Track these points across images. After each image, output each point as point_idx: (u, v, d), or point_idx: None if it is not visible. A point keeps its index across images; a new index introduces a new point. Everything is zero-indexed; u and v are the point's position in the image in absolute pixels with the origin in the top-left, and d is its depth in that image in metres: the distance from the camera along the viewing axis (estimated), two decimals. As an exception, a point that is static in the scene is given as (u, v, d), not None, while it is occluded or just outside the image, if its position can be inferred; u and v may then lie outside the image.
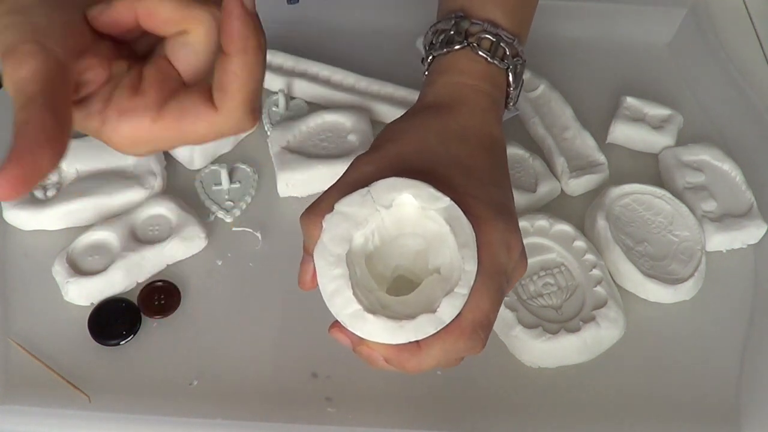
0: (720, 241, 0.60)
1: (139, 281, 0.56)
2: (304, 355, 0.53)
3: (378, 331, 0.38)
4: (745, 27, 0.78)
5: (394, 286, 0.43)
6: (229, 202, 0.61)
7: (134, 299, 0.55)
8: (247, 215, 0.61)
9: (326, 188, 0.43)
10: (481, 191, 0.43)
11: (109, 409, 0.50)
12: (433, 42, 0.51)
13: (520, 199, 0.60)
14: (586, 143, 0.65)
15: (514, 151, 0.64)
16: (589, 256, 0.56)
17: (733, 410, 0.52)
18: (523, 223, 0.57)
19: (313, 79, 0.69)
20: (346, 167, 0.45)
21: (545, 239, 0.57)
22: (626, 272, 0.56)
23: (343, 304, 0.38)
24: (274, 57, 0.71)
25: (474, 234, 0.40)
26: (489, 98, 0.49)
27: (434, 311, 0.38)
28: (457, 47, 0.49)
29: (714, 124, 0.69)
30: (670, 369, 0.54)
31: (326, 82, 0.69)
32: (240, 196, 0.62)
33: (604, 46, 0.75)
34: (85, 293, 0.55)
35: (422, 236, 0.42)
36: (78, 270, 0.55)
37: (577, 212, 0.62)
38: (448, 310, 0.38)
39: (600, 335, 0.53)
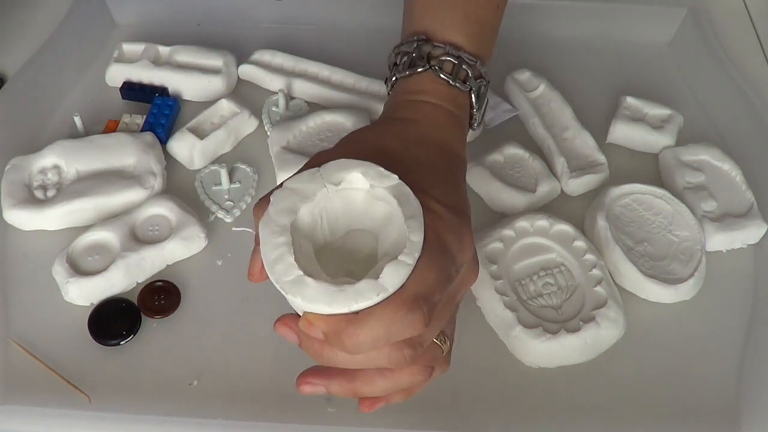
0: (720, 241, 0.60)
1: (139, 281, 0.56)
2: (304, 355, 0.52)
3: (318, 296, 0.37)
4: (745, 27, 0.78)
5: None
6: (229, 202, 0.61)
7: (134, 299, 0.55)
8: (247, 215, 0.61)
9: None
10: (437, 190, 0.43)
11: (109, 409, 0.50)
12: (397, 63, 0.52)
13: (520, 199, 0.60)
14: (586, 143, 0.65)
15: (514, 151, 0.64)
16: (589, 256, 0.56)
17: (733, 410, 0.52)
18: (523, 223, 0.57)
19: (313, 79, 0.69)
20: None
21: (545, 239, 0.57)
22: (626, 272, 0.56)
23: (283, 270, 0.38)
24: (273, 57, 0.71)
25: (421, 209, 0.39)
26: (450, 116, 0.50)
27: (377, 278, 0.37)
28: (419, 70, 0.50)
29: (714, 124, 0.69)
30: (670, 369, 0.54)
31: (326, 82, 0.69)
32: (240, 196, 0.62)
33: (604, 46, 0.75)
34: (85, 293, 0.55)
35: (372, 232, 0.42)
36: (78, 270, 0.55)
37: (577, 212, 0.62)
38: (391, 278, 0.37)
39: (600, 335, 0.53)
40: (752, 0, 0.80)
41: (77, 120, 0.65)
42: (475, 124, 0.53)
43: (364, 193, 0.41)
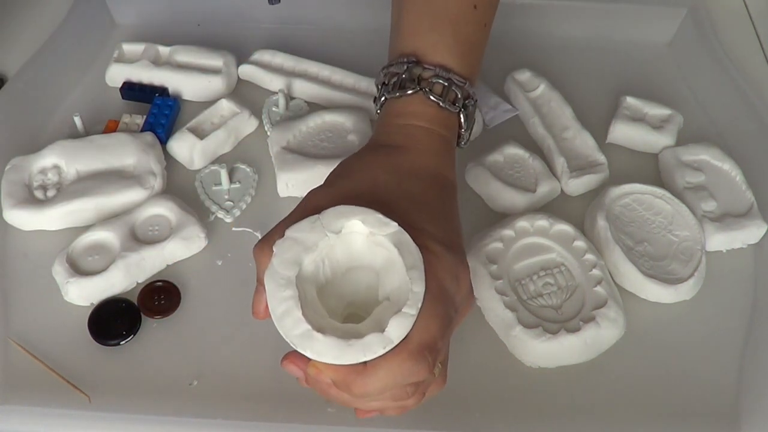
0: (720, 241, 0.60)
1: (139, 281, 0.56)
2: (304, 355, 0.53)
3: (326, 350, 0.38)
4: (745, 27, 0.78)
5: (347, 322, 0.43)
6: (229, 202, 0.61)
7: (134, 299, 0.55)
8: (247, 215, 0.61)
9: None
10: (432, 226, 0.44)
11: (109, 409, 0.50)
12: (386, 83, 0.53)
13: (520, 199, 0.60)
14: (586, 143, 0.65)
15: (514, 151, 0.64)
16: (589, 256, 0.56)
17: (733, 410, 0.52)
18: (523, 223, 0.57)
19: (313, 79, 0.69)
20: None
21: (545, 239, 0.57)
22: (626, 272, 0.56)
23: (292, 324, 0.39)
24: (273, 57, 0.71)
25: (421, 258, 0.40)
26: (441, 140, 0.51)
27: (383, 331, 0.38)
28: (409, 92, 0.51)
29: (714, 124, 0.69)
30: (670, 369, 0.54)
31: (326, 82, 0.69)
32: (240, 196, 0.62)
33: (604, 46, 0.76)
34: (85, 293, 0.55)
35: (372, 268, 0.43)
36: (78, 270, 0.55)
37: (577, 212, 0.62)
38: (396, 329, 0.38)
39: (600, 335, 0.53)
40: (752, 0, 0.80)
41: (77, 120, 0.65)
42: (463, 143, 0.54)
43: (364, 236, 0.42)
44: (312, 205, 0.44)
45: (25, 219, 0.59)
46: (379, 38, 0.74)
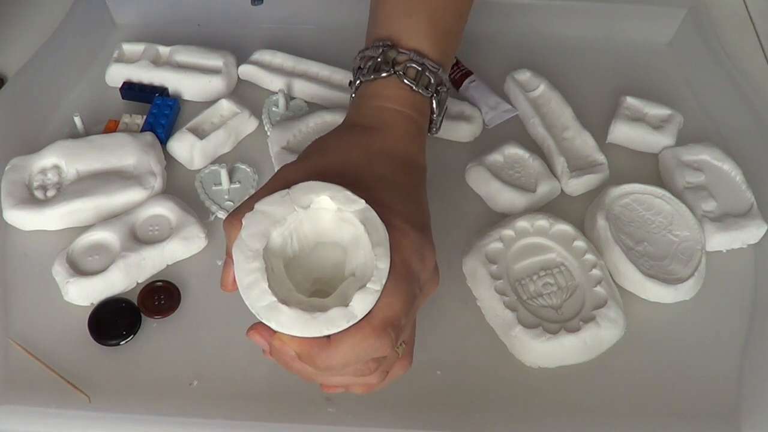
0: (720, 241, 0.60)
1: (139, 281, 0.56)
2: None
3: (291, 322, 0.39)
4: (745, 27, 0.78)
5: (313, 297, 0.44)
6: (229, 202, 0.61)
7: (134, 299, 0.55)
8: (247, 215, 0.61)
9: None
10: (400, 205, 0.44)
11: (109, 409, 0.50)
12: (361, 67, 0.54)
13: (520, 199, 0.60)
14: (586, 143, 0.65)
15: (514, 151, 0.64)
16: (589, 256, 0.56)
17: (733, 410, 0.52)
18: (523, 223, 0.57)
19: (313, 79, 0.69)
20: None
21: (545, 239, 0.57)
22: (626, 272, 0.56)
23: (258, 296, 0.39)
24: (274, 57, 0.71)
25: (387, 235, 0.41)
26: (413, 124, 0.51)
27: (347, 305, 0.39)
28: (384, 75, 0.52)
29: (714, 124, 0.69)
30: (670, 369, 0.54)
31: (326, 82, 0.69)
32: (240, 196, 0.62)
33: (604, 46, 0.76)
34: (85, 293, 0.55)
35: (340, 245, 0.43)
36: (78, 270, 0.55)
37: (577, 212, 0.62)
38: (360, 304, 0.39)
39: (600, 335, 0.53)
40: (752, 0, 0.80)
41: (77, 120, 0.65)
42: (434, 129, 0.55)
43: (332, 213, 0.43)
44: (283, 180, 0.45)
45: (25, 219, 0.59)
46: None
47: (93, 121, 0.66)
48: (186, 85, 0.69)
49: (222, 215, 0.60)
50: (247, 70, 0.70)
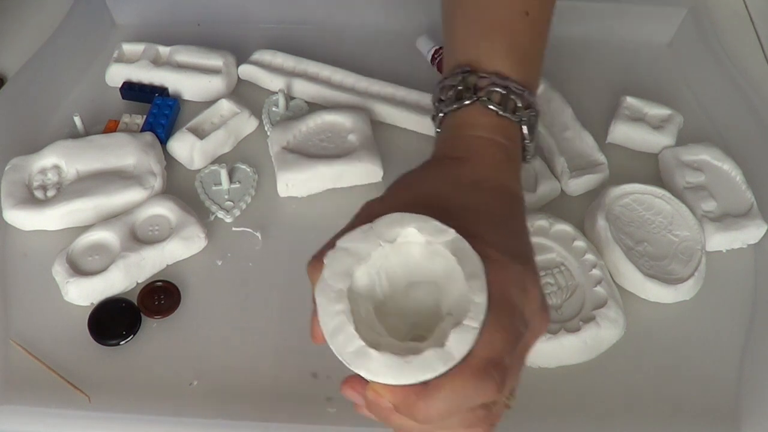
0: (720, 241, 0.60)
1: (139, 281, 0.56)
2: (304, 355, 0.53)
3: (383, 369, 0.35)
4: (745, 27, 0.78)
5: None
6: (229, 202, 0.61)
7: (134, 299, 0.55)
8: (247, 215, 0.61)
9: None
10: (495, 236, 0.40)
11: (109, 409, 0.50)
12: (442, 98, 0.50)
13: (520, 199, 0.60)
14: (586, 143, 0.65)
15: (514, 151, 0.64)
16: (589, 256, 0.56)
17: (733, 410, 0.52)
18: (523, 223, 0.57)
19: (313, 79, 0.69)
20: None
21: (545, 239, 0.57)
22: (626, 272, 0.56)
23: (344, 341, 0.35)
24: (274, 57, 0.71)
25: (482, 265, 0.37)
26: (504, 151, 0.47)
27: (442, 346, 0.35)
28: (467, 102, 0.48)
29: (714, 124, 0.69)
30: (670, 369, 0.54)
31: (326, 82, 0.69)
32: (240, 196, 0.62)
33: (604, 46, 0.75)
34: (85, 293, 0.55)
35: (433, 281, 0.40)
36: (78, 270, 0.55)
37: (577, 212, 0.62)
38: (457, 344, 0.35)
39: (600, 335, 0.53)
40: (752, 0, 0.80)
41: (77, 120, 0.65)
42: (528, 157, 0.50)
43: (421, 246, 0.39)
44: (366, 215, 0.41)
45: (25, 219, 0.59)
46: (379, 38, 0.74)
47: (93, 121, 0.66)
48: (186, 85, 0.69)
49: (222, 215, 0.60)
50: (247, 70, 0.70)
